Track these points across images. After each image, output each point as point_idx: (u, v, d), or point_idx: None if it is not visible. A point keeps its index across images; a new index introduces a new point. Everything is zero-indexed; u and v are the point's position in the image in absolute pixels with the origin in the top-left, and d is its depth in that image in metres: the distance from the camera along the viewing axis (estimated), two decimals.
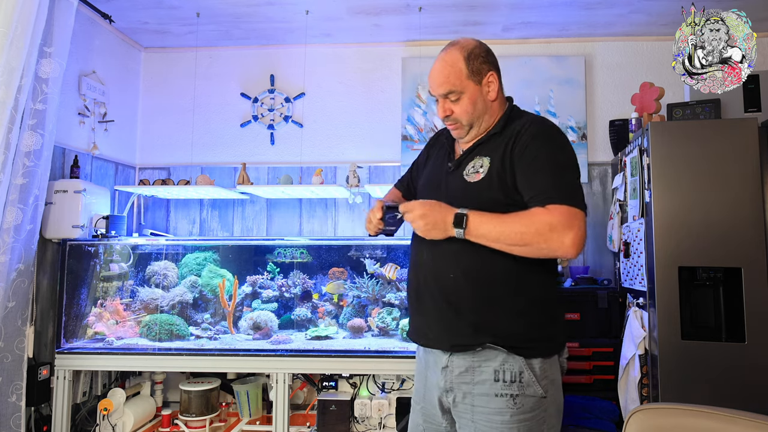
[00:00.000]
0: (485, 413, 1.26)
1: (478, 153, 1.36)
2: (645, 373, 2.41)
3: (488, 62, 1.37)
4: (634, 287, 2.61)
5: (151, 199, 3.39)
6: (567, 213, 1.18)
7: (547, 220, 1.18)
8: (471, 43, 1.37)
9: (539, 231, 1.18)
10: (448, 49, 1.38)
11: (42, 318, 2.54)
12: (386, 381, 2.69)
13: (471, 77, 1.34)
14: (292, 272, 2.84)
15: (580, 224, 1.19)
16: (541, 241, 1.18)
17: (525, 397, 1.25)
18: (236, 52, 3.45)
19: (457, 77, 1.34)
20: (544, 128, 1.32)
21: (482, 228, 1.22)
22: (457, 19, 3.05)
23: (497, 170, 1.29)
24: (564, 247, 1.18)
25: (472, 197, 1.30)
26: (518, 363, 1.25)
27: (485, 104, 1.37)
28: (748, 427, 1.04)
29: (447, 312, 1.31)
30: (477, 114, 1.37)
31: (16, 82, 2.09)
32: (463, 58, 1.35)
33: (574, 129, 3.23)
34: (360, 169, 3.27)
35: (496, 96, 1.38)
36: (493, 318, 1.27)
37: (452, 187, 1.38)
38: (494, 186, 1.29)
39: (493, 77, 1.37)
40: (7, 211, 2.21)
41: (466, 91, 1.35)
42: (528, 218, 1.20)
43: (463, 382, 1.29)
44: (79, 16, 2.64)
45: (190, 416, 2.62)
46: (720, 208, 2.29)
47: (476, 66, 1.35)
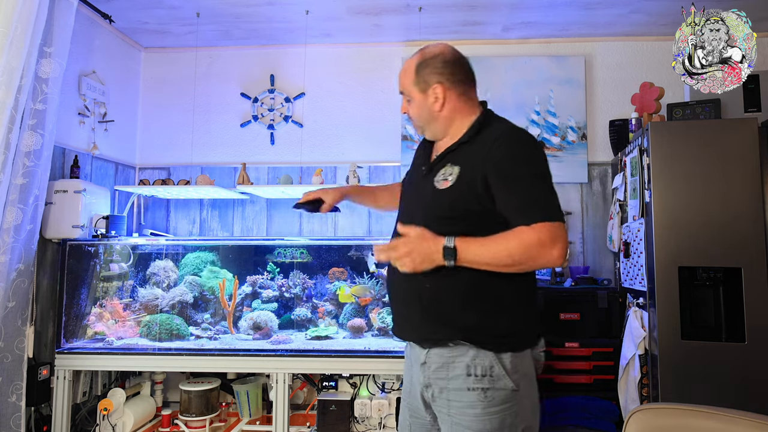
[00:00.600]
0: (459, 407, 1.30)
1: (448, 161, 1.38)
2: (645, 373, 2.41)
3: (439, 73, 1.38)
4: (634, 287, 2.61)
5: (151, 199, 3.39)
6: (551, 228, 1.23)
7: (534, 239, 1.22)
8: (432, 51, 1.41)
9: (528, 250, 1.22)
10: (416, 53, 1.43)
11: (42, 318, 2.54)
12: (386, 381, 2.69)
13: (416, 85, 1.40)
14: (292, 272, 2.84)
15: (563, 235, 1.24)
16: (531, 259, 1.23)
17: (496, 391, 1.28)
18: (236, 52, 3.45)
19: (407, 81, 1.42)
20: (516, 141, 1.33)
21: (472, 255, 1.25)
22: (457, 19, 3.05)
23: (467, 180, 1.31)
24: (552, 260, 1.23)
25: (439, 203, 1.34)
26: (489, 358, 1.29)
27: (430, 113, 1.41)
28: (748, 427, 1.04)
29: (418, 309, 1.36)
30: (423, 120, 1.43)
31: (16, 82, 2.09)
32: (415, 65, 1.40)
33: (574, 129, 3.23)
34: (360, 169, 3.27)
35: (441, 108, 1.39)
36: (461, 314, 1.31)
37: (423, 191, 1.41)
38: (462, 194, 1.31)
39: (440, 89, 1.38)
40: (7, 211, 2.21)
41: (413, 97, 1.42)
42: (515, 238, 1.23)
43: (439, 377, 1.34)
44: (79, 16, 2.64)
45: (190, 416, 2.62)
46: (720, 208, 2.29)
47: (423, 76, 1.39)
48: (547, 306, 2.76)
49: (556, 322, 2.74)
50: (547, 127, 3.24)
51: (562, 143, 3.23)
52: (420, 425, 1.44)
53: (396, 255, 1.27)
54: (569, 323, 2.74)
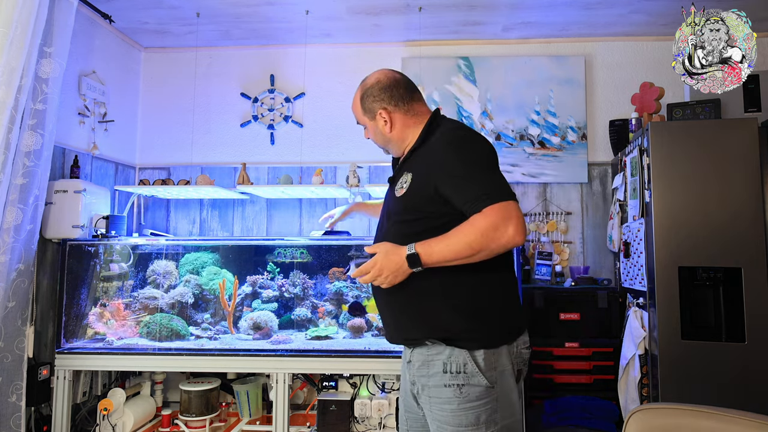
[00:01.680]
0: (438, 403, 1.35)
1: (405, 169, 1.46)
2: (645, 373, 2.41)
3: (380, 100, 1.49)
4: (634, 287, 2.61)
5: (151, 199, 3.39)
6: (501, 209, 1.26)
7: (487, 223, 1.26)
8: (370, 82, 1.52)
9: (485, 235, 1.26)
10: (358, 86, 1.55)
11: (42, 318, 2.54)
12: (386, 381, 2.69)
13: (365, 114, 1.53)
14: (292, 272, 2.84)
15: (516, 213, 1.27)
16: (490, 243, 1.26)
17: (470, 387, 1.32)
18: (236, 52, 3.45)
19: (358, 113, 1.55)
20: (453, 136, 1.40)
21: (434, 256, 1.30)
22: (457, 19, 3.05)
23: (417, 184, 1.39)
24: (509, 237, 1.26)
25: (399, 210, 1.42)
26: (462, 355, 1.33)
27: (384, 136, 1.52)
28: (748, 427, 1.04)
29: (396, 312, 1.43)
30: (381, 142, 1.55)
31: (16, 82, 2.09)
32: (359, 97, 1.53)
33: (574, 129, 3.23)
34: (360, 169, 3.27)
35: (391, 129, 1.50)
36: (434, 314, 1.36)
37: (390, 202, 1.50)
38: (416, 199, 1.38)
39: (385, 114, 1.49)
40: (7, 211, 2.21)
41: (366, 125, 1.55)
42: (470, 228, 1.28)
43: (421, 375, 1.39)
44: (79, 16, 2.64)
45: (190, 416, 2.62)
46: (720, 208, 2.30)
47: (368, 105, 1.51)
48: (547, 306, 2.76)
49: (556, 322, 2.74)
50: (547, 127, 3.24)
51: (562, 143, 3.23)
52: (415, 420, 1.51)
53: (370, 277, 1.36)
54: (569, 323, 2.74)
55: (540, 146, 3.24)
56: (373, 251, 1.38)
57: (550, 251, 3.09)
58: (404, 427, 1.54)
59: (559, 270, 3.09)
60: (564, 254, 3.16)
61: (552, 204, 3.24)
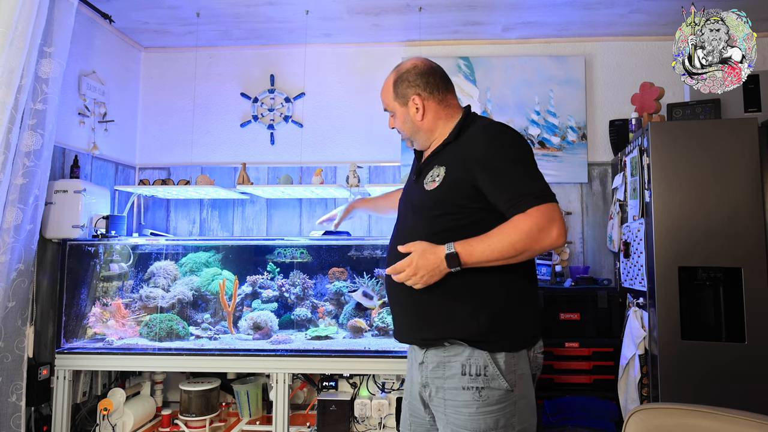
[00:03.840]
0: (455, 406, 1.32)
1: (435, 162, 1.43)
2: (645, 373, 2.41)
3: (415, 85, 1.46)
4: (634, 287, 2.61)
5: (151, 199, 3.39)
6: (546, 210, 1.26)
7: (533, 224, 1.25)
8: (406, 66, 1.49)
9: (530, 236, 1.25)
10: (393, 70, 1.52)
11: (42, 318, 2.54)
12: (386, 381, 2.69)
13: (397, 99, 1.48)
14: (292, 272, 2.84)
15: (558, 215, 1.27)
16: (534, 244, 1.25)
17: (490, 390, 1.29)
18: (236, 52, 3.45)
19: (388, 98, 1.51)
20: (496, 131, 1.38)
21: (475, 257, 1.27)
22: (457, 19, 3.05)
23: (453, 178, 1.35)
24: (553, 239, 1.26)
25: (430, 204, 1.38)
26: (483, 357, 1.30)
27: (413, 124, 1.48)
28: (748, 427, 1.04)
29: (414, 310, 1.40)
30: (409, 131, 1.50)
31: (16, 82, 2.09)
32: (393, 81, 1.49)
33: (574, 129, 3.23)
34: (360, 169, 3.27)
35: (423, 117, 1.46)
36: (456, 315, 1.33)
37: (415, 196, 1.45)
38: (451, 193, 1.35)
39: (418, 100, 1.46)
40: (7, 211, 2.21)
41: (396, 111, 1.50)
42: (514, 228, 1.26)
43: (436, 377, 1.36)
44: (79, 16, 2.64)
45: (190, 416, 2.62)
46: (720, 208, 2.29)
47: (401, 90, 1.47)
48: (547, 306, 2.76)
49: (556, 322, 2.74)
50: (547, 127, 3.24)
51: (562, 143, 3.23)
52: (420, 425, 1.47)
53: (404, 277, 1.31)
54: (569, 323, 2.74)
55: (540, 146, 3.24)
56: (407, 250, 1.33)
57: (550, 251, 3.09)
58: (407, 431, 1.51)
59: (559, 270, 3.09)
60: (564, 254, 3.16)
61: None
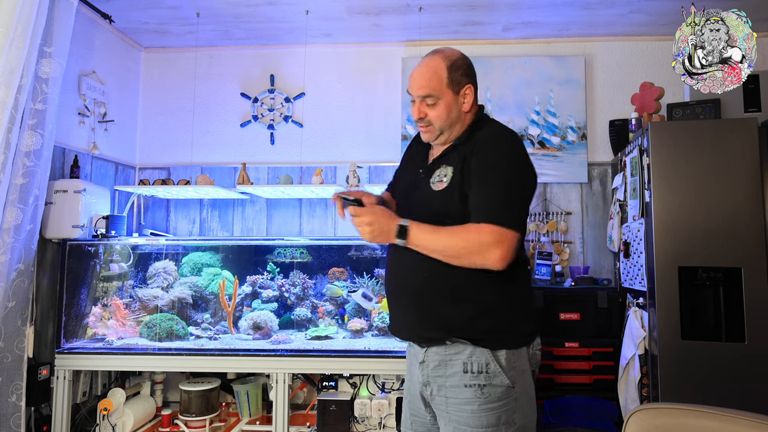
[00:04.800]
0: (456, 404, 1.33)
1: (444, 162, 1.43)
2: (645, 373, 2.41)
3: (468, 75, 1.44)
4: (634, 287, 2.61)
5: (151, 199, 3.39)
6: (497, 233, 1.26)
7: (477, 239, 1.27)
8: (455, 53, 1.44)
9: (470, 247, 1.28)
10: (433, 55, 1.44)
11: (42, 318, 2.54)
12: (386, 381, 2.69)
13: (450, 86, 1.41)
14: (292, 272, 2.84)
15: (509, 243, 1.27)
16: (472, 255, 1.28)
17: (492, 387, 1.31)
18: (236, 52, 3.45)
19: (438, 83, 1.40)
20: (498, 141, 1.38)
21: (420, 240, 1.32)
22: (457, 19, 3.05)
23: (458, 180, 1.37)
24: (490, 262, 1.27)
25: (436, 205, 1.39)
26: (484, 355, 1.32)
27: (459, 114, 1.43)
28: (748, 427, 1.04)
29: (417, 309, 1.40)
30: (449, 121, 1.43)
31: (16, 82, 2.09)
32: (446, 66, 1.41)
33: (574, 129, 3.23)
34: (360, 169, 3.27)
35: (470, 108, 1.44)
36: (457, 313, 1.34)
37: (422, 192, 1.45)
38: (455, 195, 1.36)
39: (470, 90, 1.44)
40: (7, 211, 2.21)
41: (443, 98, 1.41)
42: (462, 234, 1.29)
43: (438, 375, 1.37)
44: (79, 16, 2.64)
45: (190, 416, 2.62)
46: (720, 208, 2.29)
47: (457, 77, 1.41)
48: (547, 306, 2.76)
49: (556, 322, 2.74)
50: (547, 127, 3.24)
51: (562, 143, 3.23)
52: (420, 424, 1.47)
53: (359, 221, 1.34)
54: (569, 323, 2.74)
55: (540, 146, 3.24)
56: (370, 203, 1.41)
57: (550, 251, 3.09)
58: (408, 431, 1.51)
59: (559, 270, 3.09)
60: (564, 254, 3.16)
61: (552, 204, 3.24)
